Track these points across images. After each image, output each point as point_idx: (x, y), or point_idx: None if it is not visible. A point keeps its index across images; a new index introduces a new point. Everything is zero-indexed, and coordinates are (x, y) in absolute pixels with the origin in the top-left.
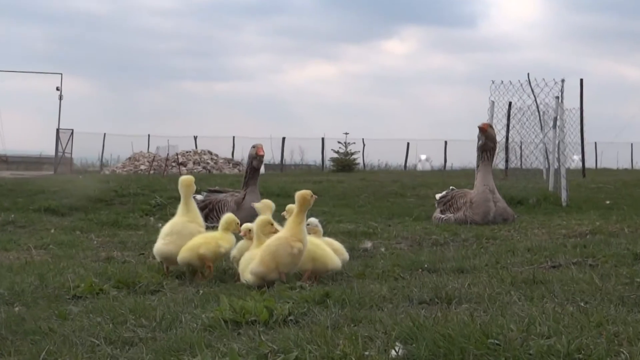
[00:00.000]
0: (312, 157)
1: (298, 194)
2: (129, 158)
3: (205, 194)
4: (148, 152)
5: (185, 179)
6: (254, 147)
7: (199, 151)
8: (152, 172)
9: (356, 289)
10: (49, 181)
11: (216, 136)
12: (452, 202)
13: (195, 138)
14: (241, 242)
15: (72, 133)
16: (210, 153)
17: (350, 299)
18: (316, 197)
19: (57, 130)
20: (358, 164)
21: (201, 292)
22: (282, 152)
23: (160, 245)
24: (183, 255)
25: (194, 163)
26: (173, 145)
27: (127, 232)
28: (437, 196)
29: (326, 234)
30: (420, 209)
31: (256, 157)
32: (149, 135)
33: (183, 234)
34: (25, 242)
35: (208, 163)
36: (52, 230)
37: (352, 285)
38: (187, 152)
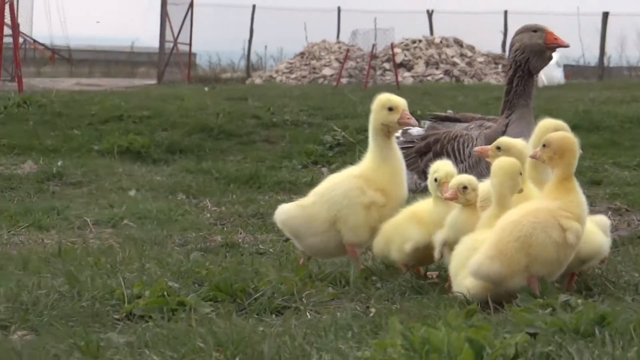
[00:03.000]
0: None
1: (553, 138)
2: (301, 54)
3: (427, 123)
4: (337, 41)
5: None
6: (535, 30)
7: (437, 40)
8: (344, 80)
9: None
10: (141, 96)
11: (469, 11)
12: None
13: (429, 15)
14: (457, 214)
15: (190, 5)
16: (460, 44)
17: None
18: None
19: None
20: None
21: (373, 311)
22: (603, 41)
23: (288, 207)
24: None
25: (427, 64)
26: (385, 28)
27: (273, 197)
28: None
29: None
30: None
31: (545, 48)
32: (338, 9)
33: (341, 196)
34: (78, 214)
35: (455, 64)
36: (132, 192)
37: None
38: (413, 42)
